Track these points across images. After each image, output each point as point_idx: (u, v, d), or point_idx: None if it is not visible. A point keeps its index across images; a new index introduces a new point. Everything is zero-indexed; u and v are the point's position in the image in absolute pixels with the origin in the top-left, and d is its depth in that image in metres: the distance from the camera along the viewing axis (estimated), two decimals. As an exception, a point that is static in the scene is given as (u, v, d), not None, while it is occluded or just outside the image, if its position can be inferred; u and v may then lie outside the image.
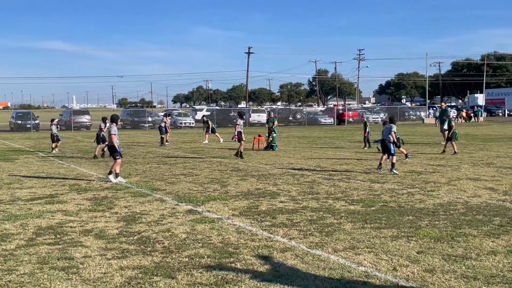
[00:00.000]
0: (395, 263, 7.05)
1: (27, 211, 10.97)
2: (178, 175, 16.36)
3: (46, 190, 13.76)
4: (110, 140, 15.01)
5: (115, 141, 14.94)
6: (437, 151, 23.62)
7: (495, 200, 11.51)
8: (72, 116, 54.37)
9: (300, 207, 10.99)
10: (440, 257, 7.30)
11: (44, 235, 8.87)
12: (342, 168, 17.75)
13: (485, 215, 9.96)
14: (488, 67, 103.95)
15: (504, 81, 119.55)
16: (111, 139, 14.97)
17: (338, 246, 7.95)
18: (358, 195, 12.36)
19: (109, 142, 15.16)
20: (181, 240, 8.42)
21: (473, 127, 46.52)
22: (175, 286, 6.26)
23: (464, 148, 25.02)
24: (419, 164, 18.33)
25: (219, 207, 11.11)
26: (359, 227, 9.11)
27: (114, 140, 14.95)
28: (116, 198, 12.40)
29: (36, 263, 7.27)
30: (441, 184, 13.80)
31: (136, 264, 7.16)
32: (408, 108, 79.48)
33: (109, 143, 15.14)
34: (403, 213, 10.26)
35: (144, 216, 10.33)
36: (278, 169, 17.68)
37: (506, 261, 7.07)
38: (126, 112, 62.44)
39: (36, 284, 6.39)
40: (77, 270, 6.90)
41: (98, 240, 8.48)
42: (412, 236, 8.44)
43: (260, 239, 8.43)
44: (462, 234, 8.51)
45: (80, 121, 53.92)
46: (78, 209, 11.08)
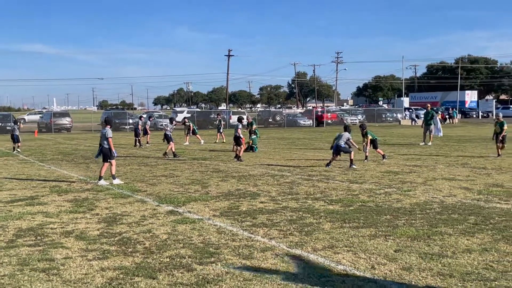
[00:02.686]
0: (373, 262, 7.09)
1: (7, 213, 10.85)
2: (159, 177, 16.29)
3: (26, 192, 13.61)
4: (108, 143, 14.75)
5: (112, 145, 14.78)
6: (413, 151, 23.83)
7: (469, 199, 11.63)
8: (52, 118, 53.80)
9: (280, 207, 11.00)
10: (417, 255, 7.36)
11: (25, 236, 8.78)
12: (321, 168, 17.82)
13: (460, 214, 10.07)
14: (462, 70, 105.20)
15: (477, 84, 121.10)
16: (108, 142, 14.74)
17: (317, 245, 7.97)
18: (337, 195, 12.42)
19: (105, 145, 14.85)
20: (162, 240, 8.38)
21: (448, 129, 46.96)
22: (156, 287, 6.23)
23: (440, 149, 25.28)
24: (396, 165, 18.49)
25: (200, 208, 11.09)
26: (338, 227, 9.16)
27: (112, 143, 14.78)
28: (97, 199, 12.30)
29: (16, 264, 7.19)
30: (417, 184, 13.92)
31: (117, 265, 7.11)
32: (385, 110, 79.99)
33: (106, 146, 14.83)
34: (381, 212, 10.33)
35: (125, 217, 10.27)
36: (258, 170, 17.69)
37: (480, 258, 7.15)
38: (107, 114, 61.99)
39: (17, 286, 6.32)
40: (58, 272, 6.84)
41: (79, 241, 8.41)
42: (389, 235, 8.50)
43: (240, 239, 8.43)
44: (438, 233, 8.59)
45: (61, 123, 53.34)
46: (58, 211, 10.98)
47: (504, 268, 6.74)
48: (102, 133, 15.04)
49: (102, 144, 14.93)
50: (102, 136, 15.00)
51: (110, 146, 14.74)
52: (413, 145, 27.92)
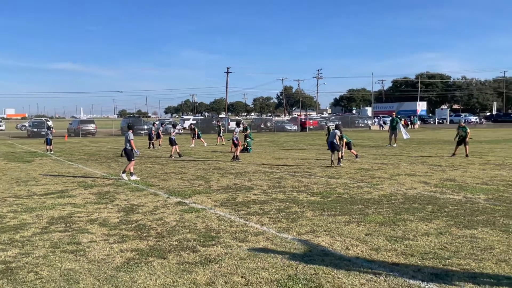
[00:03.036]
0: (347, 243, 7.11)
1: (41, 204, 10.81)
2: (169, 173, 16.26)
3: (58, 186, 13.56)
4: (130, 145, 14.80)
5: (134, 146, 14.82)
6: (381, 152, 23.90)
7: (428, 191, 11.68)
8: (80, 124, 53.72)
9: (270, 199, 11.01)
10: (384, 238, 7.39)
11: (56, 224, 8.75)
12: (304, 166, 17.84)
13: (419, 203, 10.10)
14: (421, 84, 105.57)
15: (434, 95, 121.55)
16: (130, 143, 14.79)
17: (301, 230, 7.98)
18: (318, 188, 12.43)
19: (128, 146, 14.90)
20: (171, 227, 8.37)
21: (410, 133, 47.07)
22: (166, 265, 6.22)
23: (403, 150, 25.35)
24: (367, 163, 18.52)
25: (203, 199, 11.08)
26: (318, 215, 9.17)
27: (133, 145, 14.83)
28: (117, 192, 12.27)
29: (49, 247, 7.17)
30: (384, 179, 13.95)
31: (133, 247, 7.10)
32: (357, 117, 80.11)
33: (129, 147, 14.88)
34: (354, 202, 10.35)
35: (141, 207, 10.25)
36: (252, 167, 17.68)
37: (436, 240, 7.19)
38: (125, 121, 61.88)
39: (49, 265, 6.31)
40: (84, 253, 6.83)
41: (102, 227, 8.39)
42: (361, 221, 8.52)
43: (237, 225, 8.43)
44: (401, 219, 8.62)
45: (87, 128, 53.16)
46: (85, 202, 10.94)
47: (456, 248, 6.78)
48: (126, 136, 15.07)
49: (125, 145, 14.96)
50: (126, 138, 15.02)
51: (132, 147, 14.78)
52: (381, 147, 27.99)
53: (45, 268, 6.21)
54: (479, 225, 8.11)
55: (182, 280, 5.70)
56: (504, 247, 6.80)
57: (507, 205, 9.79)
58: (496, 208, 9.50)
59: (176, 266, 6.20)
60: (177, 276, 5.81)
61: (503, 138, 35.38)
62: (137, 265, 6.24)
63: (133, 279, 5.75)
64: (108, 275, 5.89)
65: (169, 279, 5.72)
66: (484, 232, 7.61)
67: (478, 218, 8.59)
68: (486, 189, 11.75)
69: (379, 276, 5.69)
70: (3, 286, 5.61)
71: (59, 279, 5.81)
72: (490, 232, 7.61)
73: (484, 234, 7.49)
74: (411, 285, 5.41)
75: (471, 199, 10.48)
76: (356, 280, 5.58)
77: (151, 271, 6.01)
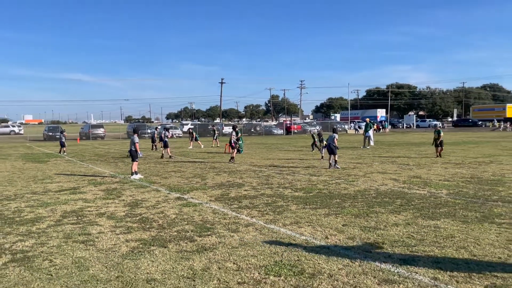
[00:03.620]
0: (327, 233, 7.12)
1: (55, 199, 10.70)
2: (170, 172, 16.19)
3: (70, 183, 13.44)
4: (135, 147, 14.71)
5: (138, 148, 14.74)
6: (356, 153, 23.99)
7: (397, 187, 11.73)
8: (90, 129, 53.39)
9: (259, 194, 11.00)
10: (359, 228, 7.41)
11: (69, 217, 8.67)
12: (289, 165, 17.85)
13: (390, 198, 10.15)
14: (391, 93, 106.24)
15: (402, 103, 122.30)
16: (135, 147, 14.71)
17: (286, 221, 7.98)
18: (301, 185, 12.44)
19: (133, 148, 14.82)
20: (171, 219, 8.33)
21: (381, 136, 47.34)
22: (167, 253, 6.19)
23: (375, 151, 25.47)
24: (344, 162, 18.57)
25: (200, 195, 11.04)
26: (301, 208, 9.18)
27: (138, 147, 14.75)
28: (123, 189, 12.19)
29: (62, 237, 7.10)
30: (359, 176, 14.00)
31: (138, 237, 7.05)
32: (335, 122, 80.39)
33: (133, 149, 14.79)
34: (332, 197, 10.37)
35: (144, 202, 10.19)
36: (243, 167, 17.66)
37: (404, 230, 7.22)
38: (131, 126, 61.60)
39: (62, 254, 6.25)
40: (93, 243, 6.77)
41: (109, 220, 8.33)
42: (339, 214, 8.53)
43: (229, 217, 8.41)
44: (374, 212, 8.65)
45: (96, 132, 52.79)
46: (94, 198, 10.86)
47: (421, 237, 6.81)
48: (131, 139, 15.00)
49: (131, 147, 14.88)
50: (131, 141, 14.94)
51: (136, 149, 14.70)
52: (356, 148, 28.09)
53: (58, 256, 6.15)
54: (441, 216, 8.16)
55: (180, 266, 5.67)
56: (463, 235, 6.85)
57: (466, 199, 9.87)
58: (456, 201, 9.57)
59: (175, 254, 6.17)
60: (176, 263, 5.78)
61: (462, 140, 35.68)
62: (140, 253, 6.20)
63: (137, 266, 5.71)
64: (115, 262, 5.85)
65: (169, 266, 5.69)
66: (446, 223, 7.67)
67: (440, 211, 8.65)
68: (448, 185, 11.84)
69: (354, 262, 5.71)
70: (21, 272, 5.55)
71: (71, 266, 5.75)
72: (451, 223, 7.66)
73: (446, 224, 7.54)
74: (382, 269, 5.43)
75: (434, 194, 10.55)
76: (334, 265, 5.59)
77: (153, 259, 5.98)
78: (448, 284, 4.95)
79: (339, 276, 5.25)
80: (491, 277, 5.13)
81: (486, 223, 7.56)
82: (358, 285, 4.98)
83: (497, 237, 6.73)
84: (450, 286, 4.89)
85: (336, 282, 5.05)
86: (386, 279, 5.12)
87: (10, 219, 8.56)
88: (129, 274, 5.44)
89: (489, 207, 8.87)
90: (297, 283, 5.05)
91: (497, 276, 5.17)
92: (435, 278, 5.11)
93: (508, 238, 6.66)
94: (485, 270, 5.34)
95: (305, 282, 5.07)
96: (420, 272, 5.30)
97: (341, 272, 5.37)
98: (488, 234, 6.90)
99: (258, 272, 5.43)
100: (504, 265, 5.50)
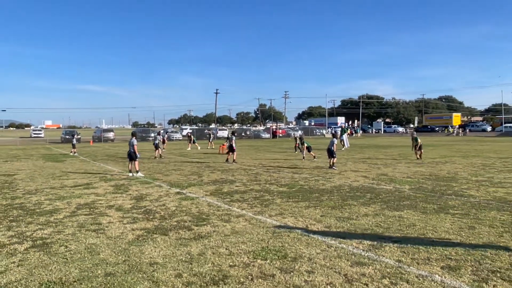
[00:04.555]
0: (307, 223, 7.13)
1: (71, 193, 10.57)
2: (171, 170, 16.08)
3: (84, 180, 13.28)
4: (133, 149, 14.53)
5: (136, 150, 14.56)
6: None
7: (367, 183, 11.80)
8: (102, 133, 52.96)
9: (249, 189, 10.97)
10: (334, 218, 7.43)
11: (82, 209, 8.56)
12: (275, 165, 17.85)
13: (361, 192, 10.20)
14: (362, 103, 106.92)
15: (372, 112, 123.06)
16: (134, 148, 14.52)
17: (272, 213, 7.97)
18: (285, 181, 12.45)
19: (131, 149, 14.61)
20: (172, 211, 8.27)
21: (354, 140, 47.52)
22: (167, 240, 6.14)
23: (348, 152, 25.59)
24: (322, 162, 18.63)
25: (196, 190, 10.98)
26: (285, 201, 9.18)
27: (136, 149, 14.57)
28: (130, 185, 12.07)
29: (76, 227, 7.01)
30: (335, 174, 14.05)
31: (142, 226, 6.99)
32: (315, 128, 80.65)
33: (132, 150, 14.59)
34: (312, 192, 10.39)
35: (148, 196, 10.10)
36: (235, 166, 17.62)
37: (374, 220, 7.26)
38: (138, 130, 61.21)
39: (76, 240, 6.17)
40: (103, 231, 6.69)
41: (118, 212, 8.24)
42: (317, 206, 8.55)
43: (222, 209, 8.37)
44: (348, 204, 8.68)
45: (107, 136, 52.30)
46: (105, 192, 10.74)
47: (388, 226, 6.85)
48: (130, 141, 14.83)
49: (130, 149, 14.72)
50: (130, 144, 14.78)
51: (134, 151, 14.50)
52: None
53: (73, 243, 6.07)
54: (404, 208, 8.22)
55: (179, 251, 5.62)
56: (423, 224, 6.91)
57: (425, 193, 9.96)
58: (417, 195, 9.65)
59: (175, 241, 6.12)
60: (175, 249, 5.74)
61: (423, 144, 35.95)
62: (145, 240, 6.14)
63: (142, 251, 5.65)
64: (122, 248, 5.79)
65: (169, 251, 5.64)
66: (408, 213, 7.72)
67: (404, 203, 8.71)
68: (410, 181, 11.93)
69: (330, 247, 5.72)
70: (41, 256, 5.47)
71: (84, 251, 5.68)
72: (413, 213, 7.72)
73: (409, 215, 7.60)
74: (354, 253, 5.44)
75: (399, 189, 10.62)
76: (313, 250, 5.59)
77: (155, 245, 5.92)
78: (410, 266, 4.98)
79: (317, 259, 5.25)
80: (446, 259, 5.18)
81: (442, 214, 7.63)
82: (333, 267, 4.98)
83: (451, 225, 6.80)
84: (412, 267, 4.93)
85: (315, 265, 5.06)
86: (358, 261, 5.13)
87: (32, 211, 8.43)
88: (135, 258, 5.38)
89: (445, 200, 8.96)
90: (281, 266, 5.04)
91: (451, 258, 5.22)
92: (399, 261, 5.14)
93: (460, 226, 6.74)
94: (441, 253, 5.39)
95: (288, 265, 5.07)
96: (387, 256, 5.33)
97: (319, 256, 5.38)
98: (444, 223, 6.97)
99: (247, 256, 5.41)
100: (457, 249, 5.55)
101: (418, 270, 4.83)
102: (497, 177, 12.58)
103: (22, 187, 11.89)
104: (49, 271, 4.99)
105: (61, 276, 4.80)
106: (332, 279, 4.63)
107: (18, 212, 8.31)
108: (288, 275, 4.74)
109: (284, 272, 4.85)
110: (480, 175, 13.25)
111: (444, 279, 4.58)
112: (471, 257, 5.24)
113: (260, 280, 4.62)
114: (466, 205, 8.42)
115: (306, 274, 4.76)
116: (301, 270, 4.90)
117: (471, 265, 4.99)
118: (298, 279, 4.62)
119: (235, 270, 4.92)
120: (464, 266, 4.94)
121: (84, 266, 5.11)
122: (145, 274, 4.83)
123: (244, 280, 4.62)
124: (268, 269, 4.95)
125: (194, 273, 4.85)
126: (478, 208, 8.06)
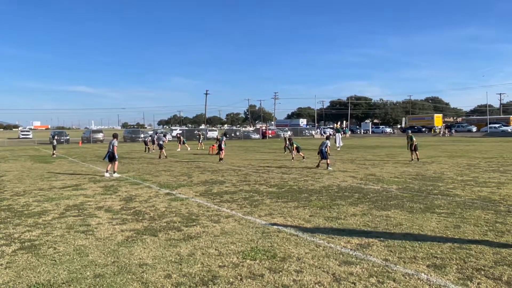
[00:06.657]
0: (296, 223, 7.15)
1: (60, 195, 10.44)
2: (160, 171, 16.00)
3: (73, 181, 13.13)
4: (113, 150, 14.35)
5: (116, 151, 14.39)
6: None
7: (355, 183, 11.88)
8: (91, 134, 52.45)
9: (238, 190, 10.97)
10: (323, 218, 7.46)
11: (71, 210, 8.47)
12: (264, 165, 17.87)
13: (349, 192, 10.26)
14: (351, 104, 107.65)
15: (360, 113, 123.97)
16: (113, 149, 14.34)
17: (261, 213, 7.98)
18: (274, 181, 12.47)
19: (111, 151, 14.45)
20: (161, 212, 8.23)
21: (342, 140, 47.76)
22: (157, 241, 6.11)
23: (338, 153, 25.72)
24: (311, 163, 18.71)
25: (186, 191, 10.94)
26: (275, 201, 9.19)
27: (116, 150, 14.40)
28: (119, 186, 11.98)
29: (65, 228, 6.93)
30: (323, 174, 14.12)
31: (131, 228, 6.94)
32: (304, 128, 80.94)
33: (112, 152, 14.42)
34: (301, 192, 10.43)
35: (138, 197, 10.04)
36: (225, 166, 17.59)
37: (361, 219, 7.31)
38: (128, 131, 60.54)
39: (65, 242, 6.10)
40: (92, 232, 6.63)
41: (107, 213, 8.17)
42: (306, 206, 8.58)
43: (212, 210, 8.36)
44: (336, 204, 8.73)
45: (97, 137, 51.81)
46: (94, 193, 10.64)
47: (375, 225, 6.91)
48: (110, 142, 14.58)
49: (109, 150, 14.51)
50: (110, 144, 14.54)
51: (114, 152, 14.31)
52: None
53: (61, 244, 6.00)
54: (392, 207, 8.30)
55: (169, 252, 5.60)
56: (410, 223, 6.98)
57: (412, 193, 10.06)
58: (404, 195, 9.75)
59: (165, 242, 6.09)
60: (165, 250, 5.71)
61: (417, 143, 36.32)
62: (134, 242, 6.10)
63: (131, 252, 5.61)
64: (111, 249, 5.74)
65: (159, 252, 5.61)
66: (395, 213, 7.80)
67: (391, 203, 8.79)
68: (397, 181, 12.05)
69: (319, 246, 5.75)
70: (29, 258, 5.40)
71: (72, 252, 5.62)
72: (400, 213, 7.80)
73: (396, 214, 7.67)
74: (342, 252, 5.48)
75: (386, 189, 10.71)
76: (302, 250, 5.61)
77: (145, 246, 5.89)
78: (397, 264, 5.03)
79: (306, 259, 5.28)
80: (432, 258, 5.25)
81: (428, 213, 7.72)
82: (322, 266, 5.01)
83: (437, 224, 6.89)
84: (399, 266, 4.98)
85: (303, 264, 5.08)
86: (346, 261, 5.17)
87: (20, 212, 8.31)
88: (124, 259, 5.34)
89: (431, 200, 9.07)
90: (270, 266, 5.05)
91: (437, 257, 5.29)
92: (386, 260, 5.20)
93: (446, 225, 6.83)
94: (427, 252, 5.46)
95: (277, 265, 5.08)
96: (374, 255, 5.38)
97: (307, 255, 5.40)
98: (430, 222, 7.05)
99: (237, 257, 5.41)
100: (442, 248, 5.63)
101: (404, 269, 4.88)
102: (482, 177, 12.78)
103: (10, 189, 11.71)
104: (37, 273, 4.93)
105: (49, 278, 4.75)
106: (321, 278, 4.66)
107: (5, 214, 8.18)
108: (277, 275, 4.75)
109: (273, 272, 4.86)
110: (466, 175, 13.45)
111: (430, 277, 4.64)
112: (456, 256, 5.31)
113: (249, 280, 4.63)
114: (452, 204, 8.53)
115: (294, 274, 4.78)
116: (290, 269, 4.92)
117: (456, 263, 5.06)
118: (287, 279, 4.64)
119: (225, 271, 4.92)
120: (449, 264, 5.01)
121: (73, 268, 5.06)
122: (134, 275, 4.80)
123: (234, 280, 4.62)
124: (257, 269, 4.96)
125: (183, 273, 4.84)
126: (463, 208, 8.18)
